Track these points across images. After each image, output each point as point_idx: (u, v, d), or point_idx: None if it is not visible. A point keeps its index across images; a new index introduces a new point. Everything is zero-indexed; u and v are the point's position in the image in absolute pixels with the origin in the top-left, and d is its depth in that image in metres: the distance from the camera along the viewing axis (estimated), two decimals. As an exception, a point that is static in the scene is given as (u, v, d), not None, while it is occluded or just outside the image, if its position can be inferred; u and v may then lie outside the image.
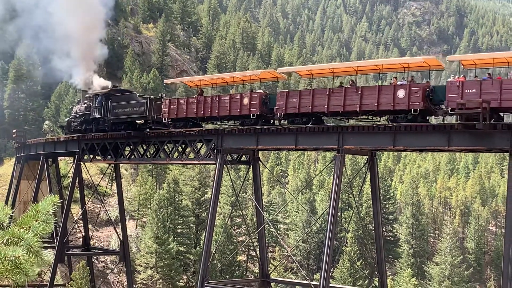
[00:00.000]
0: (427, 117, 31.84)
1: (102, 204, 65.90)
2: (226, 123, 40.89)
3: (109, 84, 56.14)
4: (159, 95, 49.60)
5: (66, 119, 57.59)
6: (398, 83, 31.81)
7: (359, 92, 31.99)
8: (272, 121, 37.26)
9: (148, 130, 44.17)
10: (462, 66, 32.62)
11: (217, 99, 38.71)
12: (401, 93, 30.51)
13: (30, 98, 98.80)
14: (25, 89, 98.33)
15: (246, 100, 36.87)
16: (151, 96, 44.96)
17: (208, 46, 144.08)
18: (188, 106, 40.04)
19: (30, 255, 4.45)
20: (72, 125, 52.31)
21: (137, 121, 44.97)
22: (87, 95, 51.50)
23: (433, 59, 32.83)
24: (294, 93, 35.32)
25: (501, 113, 29.61)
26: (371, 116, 33.64)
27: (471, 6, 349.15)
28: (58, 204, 4.74)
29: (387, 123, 32.55)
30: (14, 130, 73.02)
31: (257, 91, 38.03)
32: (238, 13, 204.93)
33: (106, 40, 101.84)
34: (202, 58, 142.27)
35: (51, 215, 4.69)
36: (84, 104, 50.79)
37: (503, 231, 46.01)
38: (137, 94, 47.81)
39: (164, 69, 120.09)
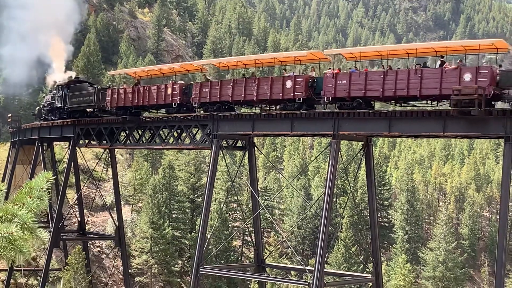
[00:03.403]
0: (314, 106, 34.18)
1: (98, 189, 65.95)
2: (160, 111, 43.40)
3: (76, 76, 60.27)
4: (107, 85, 54.02)
5: (37, 108, 60.74)
6: (286, 74, 34.44)
7: (256, 83, 34.57)
8: (194, 109, 39.47)
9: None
10: (345, 59, 35.98)
11: (147, 89, 41.31)
12: (288, 83, 33.16)
13: (25, 82, 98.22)
14: (20, 73, 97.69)
15: (169, 90, 39.62)
16: (99, 86, 48.43)
17: (204, 31, 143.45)
18: (126, 96, 42.89)
19: (24, 231, 4.45)
20: (42, 113, 55.88)
21: (87, 109, 48.60)
22: (55, 86, 54.69)
23: (318, 53, 35.99)
24: (207, 84, 37.89)
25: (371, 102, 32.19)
26: (269, 106, 36.27)
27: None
28: (52, 180, 4.75)
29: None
30: (9, 115, 72.81)
31: (178, 81, 40.76)
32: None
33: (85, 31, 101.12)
34: (198, 43, 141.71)
35: (45, 191, 4.68)
36: (51, 94, 54.50)
37: (498, 217, 46.26)
38: (88, 85, 50.80)
39: (159, 54, 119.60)
